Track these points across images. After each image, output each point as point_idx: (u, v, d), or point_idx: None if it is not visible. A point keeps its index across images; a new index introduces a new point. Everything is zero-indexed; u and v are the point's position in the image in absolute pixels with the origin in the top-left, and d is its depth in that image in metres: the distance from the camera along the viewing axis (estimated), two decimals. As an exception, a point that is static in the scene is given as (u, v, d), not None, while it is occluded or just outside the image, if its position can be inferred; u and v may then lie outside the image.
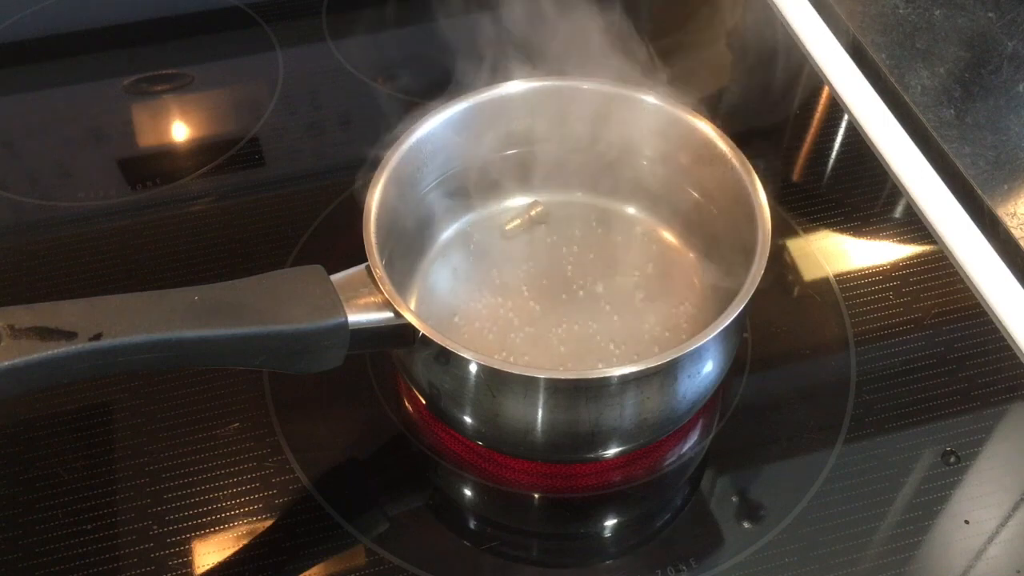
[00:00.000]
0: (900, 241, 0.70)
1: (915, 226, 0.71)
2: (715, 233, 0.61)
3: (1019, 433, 0.60)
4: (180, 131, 0.79)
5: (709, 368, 0.54)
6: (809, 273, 0.68)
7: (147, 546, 0.55)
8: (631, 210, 0.67)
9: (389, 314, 0.51)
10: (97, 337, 0.45)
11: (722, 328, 0.51)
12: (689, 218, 0.64)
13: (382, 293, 0.51)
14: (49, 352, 0.44)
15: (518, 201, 0.67)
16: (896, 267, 0.68)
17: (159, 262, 0.68)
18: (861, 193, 0.73)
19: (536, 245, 0.65)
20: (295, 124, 0.78)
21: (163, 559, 0.54)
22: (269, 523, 0.56)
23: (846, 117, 0.79)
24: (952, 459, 0.59)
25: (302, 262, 0.54)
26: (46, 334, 0.44)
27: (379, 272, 0.52)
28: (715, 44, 0.70)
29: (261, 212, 0.71)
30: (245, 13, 0.86)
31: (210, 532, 0.56)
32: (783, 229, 0.70)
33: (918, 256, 0.69)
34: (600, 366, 0.59)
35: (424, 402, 0.58)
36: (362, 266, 0.52)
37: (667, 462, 0.59)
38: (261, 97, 0.80)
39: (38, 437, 0.59)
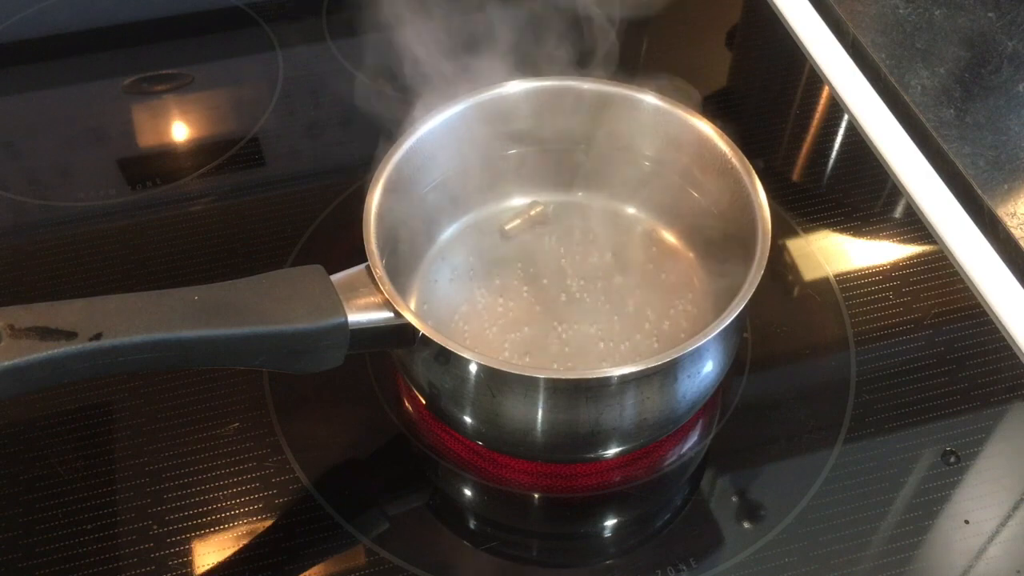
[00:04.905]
0: (900, 241, 0.70)
1: (915, 226, 0.71)
2: (715, 233, 0.61)
3: (1019, 433, 0.60)
4: (180, 131, 0.79)
5: (709, 368, 0.54)
6: (809, 273, 0.68)
7: (147, 546, 0.55)
8: (631, 210, 0.67)
9: (389, 314, 0.51)
10: (97, 337, 0.45)
11: (722, 328, 0.51)
12: (689, 218, 0.64)
13: (382, 293, 0.51)
14: (49, 352, 0.44)
15: (518, 201, 0.67)
16: (896, 267, 0.68)
17: (159, 262, 0.68)
18: (861, 193, 0.73)
19: (536, 245, 0.65)
20: (295, 124, 0.78)
21: (163, 559, 0.54)
22: (269, 523, 0.56)
23: (846, 117, 0.79)
24: (952, 459, 0.59)
25: (302, 262, 0.54)
26: (46, 334, 0.44)
27: (379, 272, 0.52)
28: (715, 44, 0.70)
29: (261, 212, 0.71)
30: (245, 13, 0.86)
31: (210, 532, 0.56)
32: (783, 229, 0.70)
33: (918, 256, 0.69)
34: (601, 366, 0.59)
35: (424, 402, 0.58)
36: (362, 266, 0.52)
37: (667, 462, 0.59)
38: (261, 97, 0.80)
39: (38, 437, 0.59)
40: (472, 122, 0.62)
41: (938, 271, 0.68)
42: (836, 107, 0.79)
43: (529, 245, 0.65)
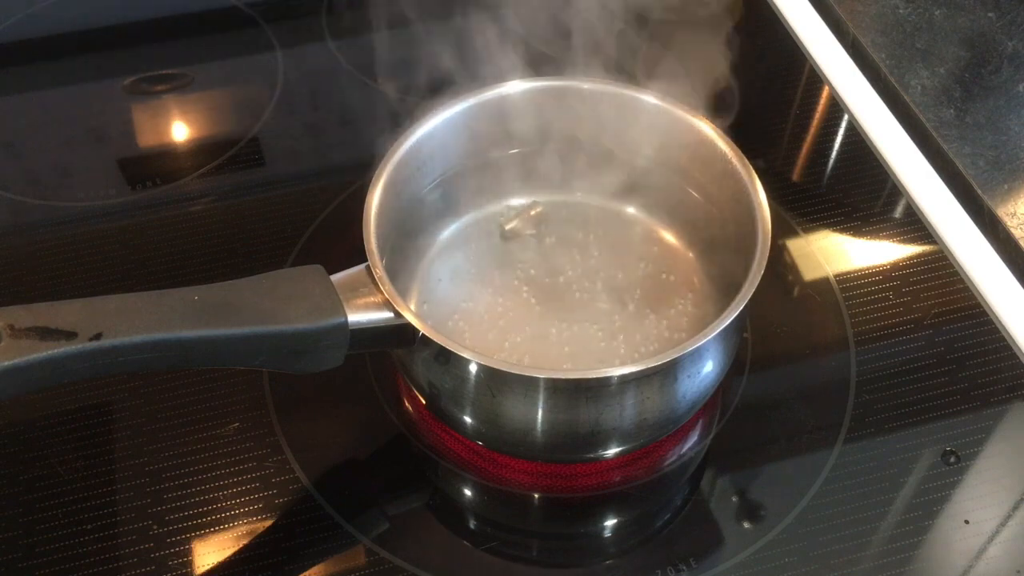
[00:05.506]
0: (900, 241, 0.70)
1: (915, 226, 0.71)
2: (715, 233, 0.61)
3: (1019, 433, 0.60)
4: (180, 131, 0.79)
5: (709, 368, 0.54)
6: (809, 273, 0.68)
7: (147, 546, 0.55)
8: (631, 210, 0.67)
9: (389, 314, 0.51)
10: (97, 337, 0.45)
11: (722, 328, 0.51)
12: (689, 218, 0.64)
13: (382, 293, 0.51)
14: (49, 352, 0.44)
15: (518, 201, 0.67)
16: (896, 267, 0.68)
17: (159, 262, 0.68)
18: (861, 193, 0.73)
19: (536, 245, 0.65)
20: (295, 124, 0.78)
21: (163, 559, 0.54)
22: (269, 523, 0.56)
23: (846, 117, 0.79)
24: (952, 459, 0.59)
25: (302, 262, 0.54)
26: (46, 334, 0.44)
27: (379, 272, 0.52)
28: (715, 44, 0.70)
29: (261, 212, 0.71)
30: (245, 13, 0.86)
31: (210, 532, 0.56)
32: (783, 229, 0.70)
33: (918, 256, 0.69)
34: (600, 366, 0.59)
35: (424, 402, 0.58)
36: (362, 266, 0.52)
37: (667, 462, 0.59)
38: (261, 97, 0.80)
39: (38, 437, 0.59)
40: (472, 122, 0.62)
41: (938, 271, 0.68)
42: (836, 107, 0.79)
43: (529, 245, 0.65)
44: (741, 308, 0.51)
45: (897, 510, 0.57)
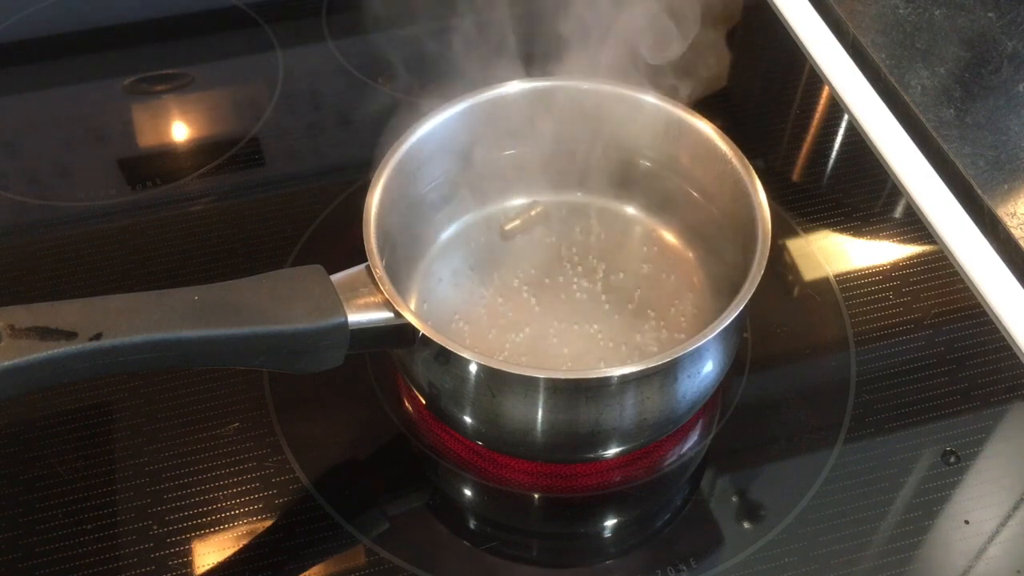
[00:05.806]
0: (900, 241, 0.70)
1: (915, 226, 0.71)
2: (715, 233, 0.61)
3: (1019, 433, 0.60)
4: (180, 131, 0.79)
5: (709, 368, 0.54)
6: (809, 273, 0.68)
7: (147, 546, 0.55)
8: (631, 210, 0.67)
9: (389, 314, 0.51)
10: (97, 337, 0.45)
11: (722, 328, 0.51)
12: (689, 218, 0.64)
13: (382, 293, 0.51)
14: (49, 352, 0.44)
15: (518, 201, 0.67)
16: (896, 267, 0.68)
17: (159, 262, 0.68)
18: (861, 193, 0.73)
19: (536, 245, 0.65)
20: (295, 124, 0.78)
21: (163, 559, 0.54)
22: (269, 523, 0.56)
23: (846, 117, 0.79)
24: (952, 459, 0.59)
25: (302, 262, 0.54)
26: (46, 334, 0.44)
27: (379, 272, 0.52)
28: (715, 44, 0.70)
29: (261, 212, 0.71)
30: (245, 13, 0.86)
31: (210, 532, 0.56)
32: (783, 229, 0.70)
33: (918, 256, 0.69)
34: (600, 366, 0.59)
35: (424, 402, 0.58)
36: (362, 266, 0.52)
37: (667, 462, 0.59)
38: (261, 97, 0.80)
39: (38, 437, 0.59)
40: (472, 122, 0.62)
41: (938, 271, 0.68)
42: (836, 107, 0.79)
43: (529, 245, 0.65)
44: (741, 308, 0.51)
45: (897, 510, 0.57)
